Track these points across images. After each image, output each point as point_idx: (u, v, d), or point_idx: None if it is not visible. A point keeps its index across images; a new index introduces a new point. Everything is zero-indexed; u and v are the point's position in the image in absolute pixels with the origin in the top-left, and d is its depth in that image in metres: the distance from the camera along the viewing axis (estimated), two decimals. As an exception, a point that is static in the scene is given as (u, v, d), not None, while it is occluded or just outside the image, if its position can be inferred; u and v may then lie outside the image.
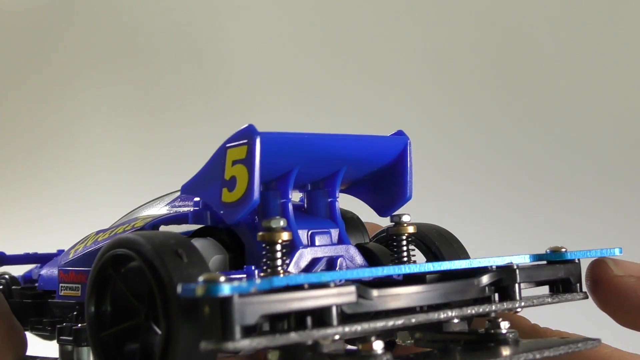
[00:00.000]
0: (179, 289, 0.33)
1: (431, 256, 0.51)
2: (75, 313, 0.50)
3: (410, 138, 0.48)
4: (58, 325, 0.48)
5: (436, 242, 0.51)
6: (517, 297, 0.42)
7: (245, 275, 0.41)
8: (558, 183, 1.18)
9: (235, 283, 0.31)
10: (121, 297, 0.41)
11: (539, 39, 1.22)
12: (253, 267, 0.42)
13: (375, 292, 0.37)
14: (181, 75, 1.52)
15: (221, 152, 0.42)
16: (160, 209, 0.51)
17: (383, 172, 0.48)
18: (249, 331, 0.33)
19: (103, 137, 1.59)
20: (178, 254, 0.38)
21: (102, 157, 1.58)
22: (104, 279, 0.41)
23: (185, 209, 0.49)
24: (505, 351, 0.38)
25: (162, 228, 0.48)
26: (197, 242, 0.44)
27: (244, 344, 0.32)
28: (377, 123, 1.23)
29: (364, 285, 0.36)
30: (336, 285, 0.35)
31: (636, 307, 0.45)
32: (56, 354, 0.50)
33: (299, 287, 0.34)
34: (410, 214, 0.48)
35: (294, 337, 0.33)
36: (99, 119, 1.59)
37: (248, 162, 0.40)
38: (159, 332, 0.38)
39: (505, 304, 0.41)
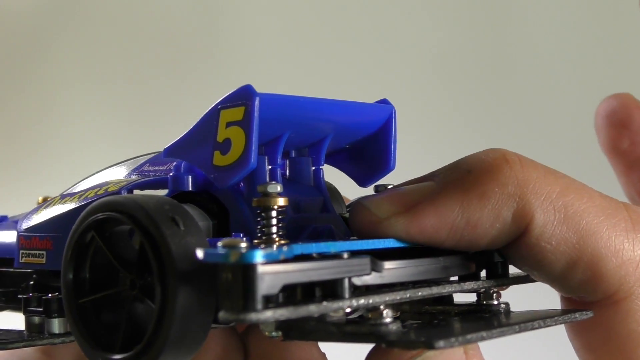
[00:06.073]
0: (200, 254, 0.31)
1: None
2: (32, 283, 0.47)
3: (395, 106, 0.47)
4: (22, 296, 0.45)
5: None
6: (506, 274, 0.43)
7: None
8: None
9: (266, 250, 0.30)
10: (103, 263, 0.38)
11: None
12: (242, 235, 0.40)
13: (386, 265, 0.36)
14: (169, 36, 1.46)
15: (213, 114, 0.40)
16: (129, 175, 0.48)
17: (366, 141, 0.47)
18: (267, 302, 0.31)
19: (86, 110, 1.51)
20: (174, 221, 0.36)
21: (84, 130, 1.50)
22: (85, 243, 0.38)
23: (154, 173, 0.46)
24: (509, 321, 0.38)
25: (136, 192, 0.45)
26: None
27: (267, 315, 0.30)
28: (358, 91, 1.21)
29: (375, 258, 0.35)
30: (350, 257, 0.34)
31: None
32: (12, 326, 0.47)
33: (313, 257, 0.33)
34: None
35: (313, 309, 0.32)
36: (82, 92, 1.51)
37: (245, 123, 0.38)
38: (150, 302, 0.36)
39: (495, 280, 0.42)
